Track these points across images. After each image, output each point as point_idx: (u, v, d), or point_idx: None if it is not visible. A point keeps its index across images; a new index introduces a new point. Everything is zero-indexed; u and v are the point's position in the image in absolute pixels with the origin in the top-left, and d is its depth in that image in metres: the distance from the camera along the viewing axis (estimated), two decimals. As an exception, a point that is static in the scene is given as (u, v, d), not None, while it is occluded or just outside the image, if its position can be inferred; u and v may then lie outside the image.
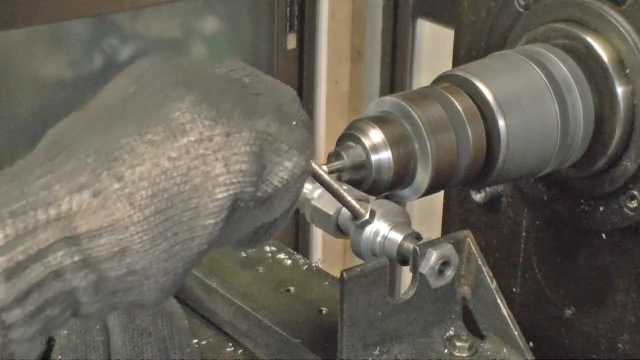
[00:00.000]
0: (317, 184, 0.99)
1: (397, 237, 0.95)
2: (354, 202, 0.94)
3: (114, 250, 0.64)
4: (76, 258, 0.63)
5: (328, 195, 0.97)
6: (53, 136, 0.68)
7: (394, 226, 0.96)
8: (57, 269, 0.63)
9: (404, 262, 0.96)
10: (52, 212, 0.63)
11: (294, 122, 0.74)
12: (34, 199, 0.63)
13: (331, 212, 0.99)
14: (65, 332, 0.97)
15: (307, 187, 1.02)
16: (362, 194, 0.97)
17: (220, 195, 0.67)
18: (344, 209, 0.97)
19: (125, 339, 0.97)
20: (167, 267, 0.66)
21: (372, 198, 0.98)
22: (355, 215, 0.95)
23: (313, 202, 1.00)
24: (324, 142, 2.63)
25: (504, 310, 0.98)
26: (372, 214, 0.95)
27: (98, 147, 0.65)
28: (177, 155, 0.66)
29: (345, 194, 0.91)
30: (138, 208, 0.65)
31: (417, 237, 0.96)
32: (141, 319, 0.99)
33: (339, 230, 1.00)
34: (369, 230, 0.95)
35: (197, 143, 0.67)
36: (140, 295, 0.67)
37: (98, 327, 0.99)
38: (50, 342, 0.76)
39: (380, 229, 0.96)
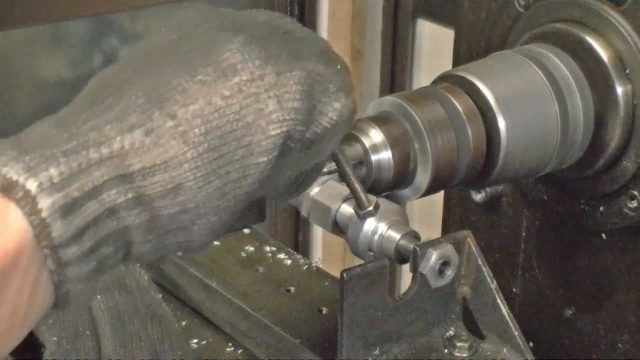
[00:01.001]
0: (318, 182, 0.99)
1: (395, 235, 0.95)
2: (362, 190, 0.93)
3: (167, 188, 0.65)
4: (130, 195, 0.64)
5: (328, 191, 0.97)
6: (97, 83, 0.68)
7: (392, 225, 0.96)
8: (112, 206, 0.63)
9: (402, 260, 0.96)
10: (104, 150, 0.63)
11: (338, 66, 0.75)
12: (85, 140, 0.63)
13: (331, 206, 0.98)
14: (55, 338, 0.96)
15: None
16: None
17: (273, 132, 0.68)
18: (343, 207, 0.97)
19: (115, 344, 0.97)
20: (218, 205, 0.67)
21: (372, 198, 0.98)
22: (360, 204, 0.94)
23: (312, 195, 1.00)
24: (324, 142, 2.63)
25: (504, 310, 0.98)
26: (377, 206, 0.94)
27: (148, 88, 0.66)
28: (229, 93, 0.67)
29: (356, 181, 0.90)
30: (192, 145, 0.65)
31: (415, 236, 0.96)
32: (131, 324, 0.99)
33: (337, 227, 0.99)
34: (366, 228, 0.95)
35: (249, 82, 0.68)
36: (190, 236, 0.67)
37: (88, 332, 0.99)
38: (40, 349, 0.76)
39: (378, 228, 0.95)
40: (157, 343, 0.99)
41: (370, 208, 0.93)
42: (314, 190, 1.00)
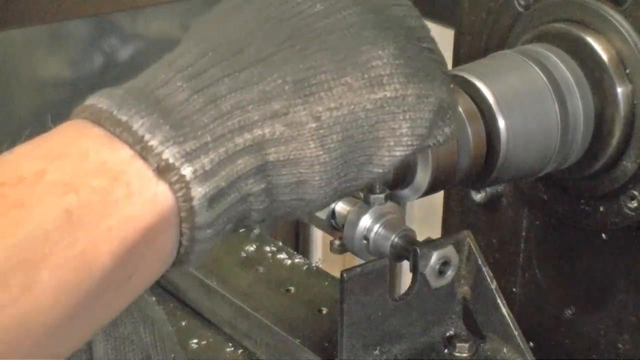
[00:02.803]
0: None
1: (390, 233, 0.95)
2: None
3: (292, 181, 0.67)
4: (262, 186, 0.65)
5: None
6: (221, 35, 0.68)
7: (387, 223, 0.95)
8: (246, 194, 0.65)
9: (398, 258, 0.96)
10: (247, 136, 0.64)
11: (451, 85, 0.76)
12: (229, 118, 0.64)
13: (323, 217, 0.98)
14: None
15: None
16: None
17: (397, 153, 0.70)
18: (339, 205, 0.97)
19: (107, 347, 0.97)
20: (327, 201, 0.70)
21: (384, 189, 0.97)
22: (372, 189, 0.94)
23: None
24: (324, 142, 2.63)
25: (504, 310, 0.98)
26: (387, 197, 0.95)
27: (293, 75, 0.66)
28: (371, 107, 0.68)
29: None
30: (327, 151, 0.67)
31: (410, 234, 0.96)
32: (124, 327, 0.99)
33: (332, 226, 0.99)
34: (362, 225, 0.95)
35: (391, 100, 0.69)
36: (294, 215, 0.70)
37: None
38: None
39: (374, 225, 0.95)
40: (149, 346, 0.99)
41: (381, 195, 0.93)
42: None
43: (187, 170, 0.61)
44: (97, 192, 0.58)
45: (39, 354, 0.57)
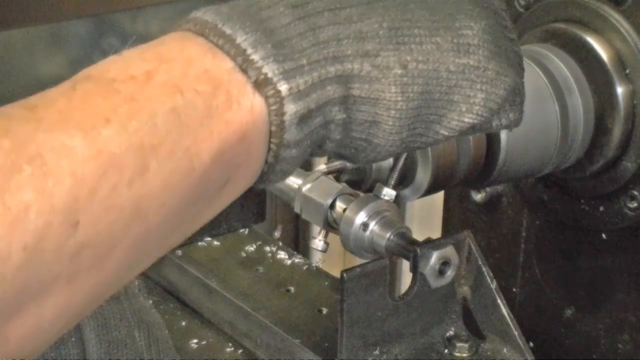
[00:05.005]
0: (310, 178, 0.99)
1: (386, 232, 0.95)
2: (399, 172, 0.95)
3: (367, 120, 0.70)
4: (343, 115, 0.69)
5: (321, 187, 0.97)
6: None
7: (384, 221, 0.95)
8: (329, 120, 0.68)
9: (393, 254, 0.96)
10: (339, 67, 0.67)
11: (523, 77, 0.79)
12: (325, 47, 0.67)
13: (323, 202, 0.98)
14: None
15: (298, 181, 1.02)
16: (352, 190, 0.98)
17: (466, 120, 0.73)
18: (337, 201, 0.97)
19: (100, 351, 0.97)
20: (392, 150, 0.73)
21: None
22: (387, 181, 0.95)
23: (304, 191, 1.00)
24: (324, 142, 2.63)
25: (504, 310, 0.98)
26: (395, 196, 0.95)
27: (390, 22, 0.70)
28: (454, 70, 0.71)
29: (403, 161, 0.95)
30: (405, 99, 0.70)
31: (406, 232, 0.95)
32: (117, 331, 0.99)
33: (328, 224, 0.99)
34: (358, 223, 0.95)
35: (473, 68, 0.73)
36: (357, 158, 0.73)
37: (73, 339, 0.99)
38: None
39: (370, 223, 0.95)
40: (143, 350, 0.99)
41: (393, 192, 0.93)
42: (306, 187, 1.00)
43: (283, 87, 0.65)
44: (200, 96, 0.62)
45: (145, 243, 0.61)
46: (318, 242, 1.00)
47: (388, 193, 0.95)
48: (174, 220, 0.62)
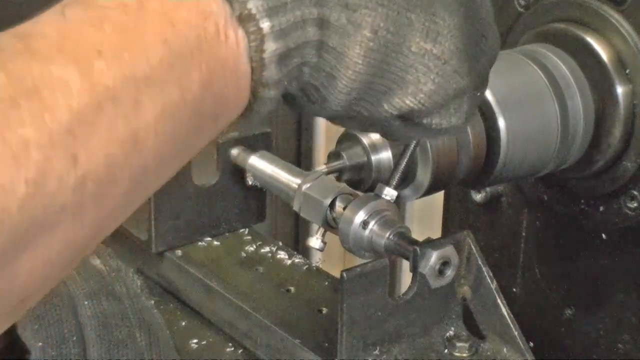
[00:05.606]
0: (310, 177, 0.99)
1: (385, 231, 0.95)
2: (401, 172, 0.95)
3: (326, 70, 0.70)
4: (315, 60, 0.69)
5: (321, 185, 0.97)
6: None
7: (383, 220, 0.95)
8: (304, 62, 0.69)
9: (392, 254, 0.96)
10: (320, 11, 0.68)
11: (482, 94, 0.79)
12: None
13: (323, 200, 0.98)
14: (41, 344, 0.96)
15: (297, 180, 1.02)
16: (352, 190, 0.98)
17: (408, 102, 0.73)
18: (337, 200, 0.97)
19: (101, 351, 0.97)
20: (335, 111, 0.73)
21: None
22: (390, 181, 0.95)
23: (304, 189, 1.00)
24: (324, 142, 2.63)
25: (504, 310, 0.98)
26: (396, 196, 0.95)
27: None
28: (416, 51, 0.72)
29: (406, 161, 0.95)
30: (366, 64, 0.70)
31: (406, 231, 0.95)
32: (118, 331, 0.99)
33: (327, 222, 0.99)
34: (357, 222, 0.95)
35: (434, 57, 0.72)
36: (303, 108, 0.73)
37: (75, 338, 0.99)
38: (25, 356, 0.76)
39: (369, 222, 0.95)
40: (144, 350, 0.99)
41: (394, 192, 0.93)
42: (306, 185, 1.00)
43: (265, 25, 0.65)
44: (190, 26, 0.63)
45: (143, 175, 0.62)
46: (315, 241, 1.00)
47: (389, 193, 0.95)
48: (169, 152, 0.63)
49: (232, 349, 1.11)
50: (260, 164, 1.12)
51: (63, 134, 0.56)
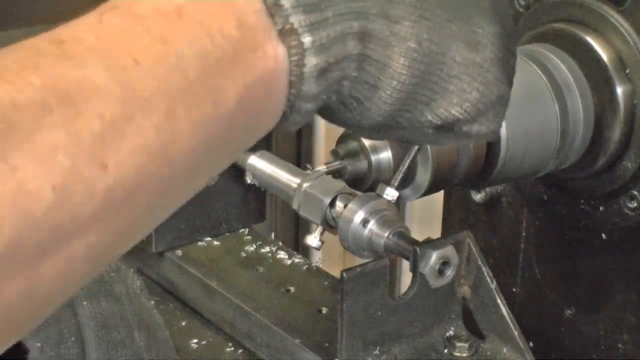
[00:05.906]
0: (311, 177, 0.99)
1: (385, 230, 0.95)
2: (404, 173, 0.96)
3: (369, 82, 0.70)
4: (355, 73, 0.69)
5: (321, 184, 0.97)
6: None
7: (383, 219, 0.95)
8: (344, 76, 0.68)
9: (392, 253, 0.96)
10: (362, 24, 0.68)
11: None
12: (353, 1, 0.67)
13: (323, 198, 0.98)
14: (39, 344, 0.96)
15: (297, 180, 1.02)
16: (352, 190, 0.98)
17: (454, 112, 0.73)
18: (337, 199, 0.97)
19: (100, 351, 0.97)
20: (377, 120, 0.72)
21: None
22: (391, 182, 0.95)
23: (305, 188, 1.00)
24: (324, 142, 2.63)
25: (504, 310, 0.98)
26: (396, 197, 0.95)
27: None
28: (459, 61, 0.72)
29: (409, 162, 0.96)
30: (410, 75, 0.70)
31: (405, 231, 0.95)
32: (117, 331, 0.99)
33: (327, 221, 0.99)
34: (356, 221, 0.95)
35: (477, 66, 0.73)
36: (344, 120, 0.73)
37: (73, 338, 0.99)
38: (23, 356, 0.76)
39: (368, 221, 0.95)
40: (143, 351, 0.99)
41: (395, 192, 0.93)
42: (307, 184, 1.00)
43: (306, 39, 0.65)
44: (228, 39, 0.62)
45: (171, 187, 0.61)
46: (313, 239, 1.00)
47: (390, 193, 0.95)
48: (199, 164, 0.63)
49: (232, 349, 1.11)
50: (259, 164, 1.12)
51: (93, 141, 0.55)
